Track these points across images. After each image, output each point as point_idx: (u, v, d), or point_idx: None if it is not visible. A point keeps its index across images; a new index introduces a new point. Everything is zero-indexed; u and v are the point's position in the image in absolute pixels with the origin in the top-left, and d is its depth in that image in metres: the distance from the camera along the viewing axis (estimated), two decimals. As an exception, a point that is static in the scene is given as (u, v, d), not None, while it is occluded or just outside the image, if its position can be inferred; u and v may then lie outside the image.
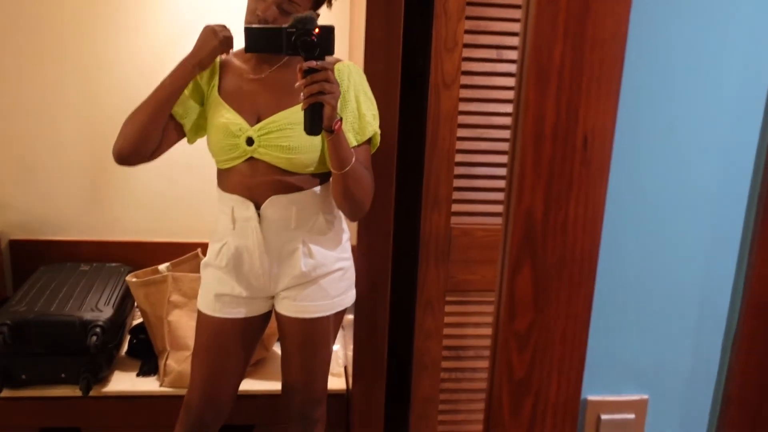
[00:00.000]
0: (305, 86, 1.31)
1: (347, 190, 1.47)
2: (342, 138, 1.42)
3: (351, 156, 1.45)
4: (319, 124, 1.35)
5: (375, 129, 1.56)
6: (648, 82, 0.73)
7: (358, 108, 1.52)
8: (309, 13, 1.35)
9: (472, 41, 1.82)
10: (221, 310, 1.61)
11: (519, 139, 0.72)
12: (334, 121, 1.37)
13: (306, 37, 1.31)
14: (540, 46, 0.69)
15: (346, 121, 1.50)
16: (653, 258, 0.79)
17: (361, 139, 1.53)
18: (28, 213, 2.47)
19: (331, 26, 1.32)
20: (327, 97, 1.32)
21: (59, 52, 2.38)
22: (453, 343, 2.05)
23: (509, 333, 0.78)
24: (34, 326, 1.92)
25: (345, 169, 1.44)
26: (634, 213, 0.76)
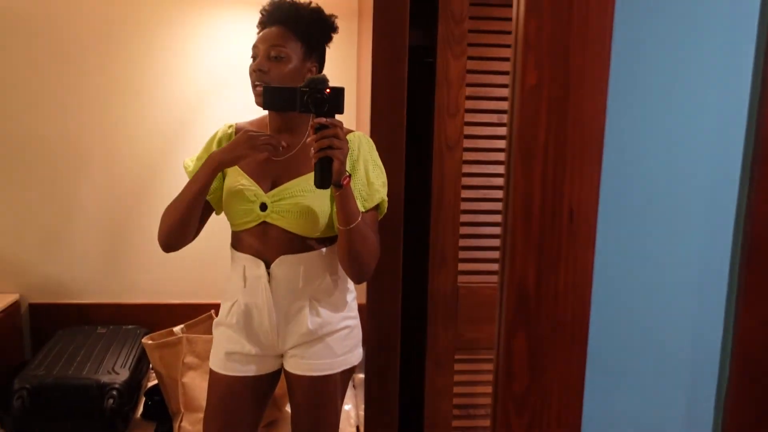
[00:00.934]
0: (315, 141, 1.39)
1: (352, 247, 1.53)
2: (350, 194, 1.49)
3: (358, 213, 1.51)
4: (328, 178, 1.42)
5: (383, 196, 1.63)
6: (628, 155, 0.79)
7: (366, 176, 1.60)
8: (321, 75, 1.44)
9: (474, 107, 1.90)
10: (232, 368, 1.64)
11: (509, 213, 0.78)
12: (342, 176, 1.44)
13: (317, 95, 1.39)
14: (525, 129, 0.76)
15: (355, 188, 1.57)
16: (643, 319, 0.83)
17: (368, 206, 1.60)
18: (47, 277, 2.54)
19: (341, 87, 1.41)
20: (336, 152, 1.40)
21: (80, 122, 2.49)
22: (464, 401, 2.06)
23: (507, 396, 0.81)
24: (53, 390, 1.96)
25: (351, 226, 1.50)
26: (622, 278, 0.81)
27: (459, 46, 1.86)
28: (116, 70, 2.49)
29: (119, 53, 2.48)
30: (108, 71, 2.49)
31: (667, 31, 0.78)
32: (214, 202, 1.68)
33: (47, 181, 2.50)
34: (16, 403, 1.92)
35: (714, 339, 0.85)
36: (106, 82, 2.49)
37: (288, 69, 1.56)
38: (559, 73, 0.75)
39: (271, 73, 1.54)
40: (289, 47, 1.57)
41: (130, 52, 2.48)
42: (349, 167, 1.57)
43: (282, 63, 1.56)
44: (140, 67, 2.49)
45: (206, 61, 2.50)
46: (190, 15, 2.48)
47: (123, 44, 2.48)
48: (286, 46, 1.57)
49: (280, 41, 1.56)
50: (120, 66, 2.49)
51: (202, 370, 2.11)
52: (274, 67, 1.55)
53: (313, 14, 1.62)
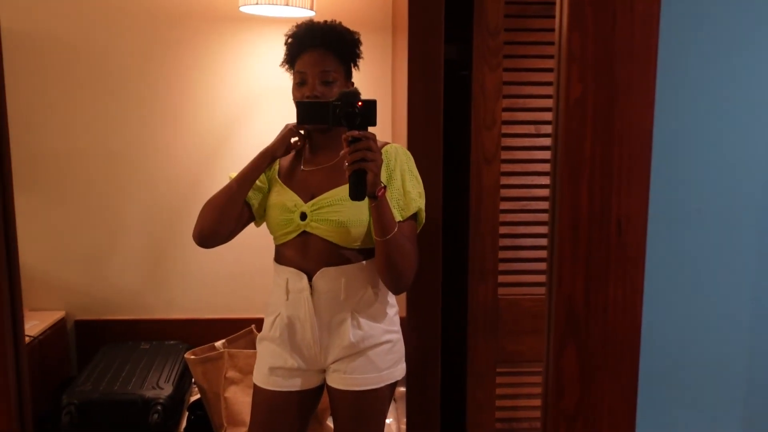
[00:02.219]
0: (349, 154, 1.41)
1: (389, 258, 1.54)
2: (385, 205, 1.50)
3: (394, 224, 1.52)
4: (362, 190, 1.44)
5: (419, 206, 1.63)
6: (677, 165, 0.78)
7: (403, 185, 1.61)
8: (353, 89, 1.46)
9: (511, 118, 1.90)
10: (276, 383, 1.66)
11: (557, 227, 0.77)
12: (377, 188, 1.45)
13: (349, 109, 1.41)
14: (570, 142, 0.75)
15: (392, 198, 1.58)
16: (697, 333, 0.82)
17: (405, 215, 1.60)
18: (91, 295, 2.59)
19: (373, 100, 1.43)
20: (369, 165, 1.42)
21: (121, 142, 2.55)
22: (506, 415, 2.04)
23: (557, 412, 0.80)
24: (99, 405, 2.00)
25: (387, 237, 1.51)
26: (674, 290, 0.80)
27: (495, 59, 1.86)
28: (155, 90, 2.55)
29: (158, 74, 2.54)
30: (147, 92, 2.54)
31: (714, 39, 0.77)
32: (255, 208, 1.70)
33: (91, 200, 2.56)
34: (65, 418, 1.97)
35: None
36: (145, 103, 2.55)
37: (336, 92, 1.59)
38: (603, 86, 0.74)
39: (325, 98, 1.57)
40: (337, 71, 1.61)
41: (169, 73, 2.54)
42: (385, 177, 1.59)
43: (333, 87, 1.60)
44: (179, 87, 2.55)
45: (243, 79, 2.54)
46: (227, 35, 2.53)
47: (161, 65, 2.53)
48: (335, 70, 1.61)
49: (330, 66, 1.60)
50: (159, 86, 2.54)
51: (244, 385, 2.12)
52: (327, 91, 1.59)
53: (350, 36, 1.65)
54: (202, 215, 1.65)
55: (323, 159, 1.65)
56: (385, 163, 1.60)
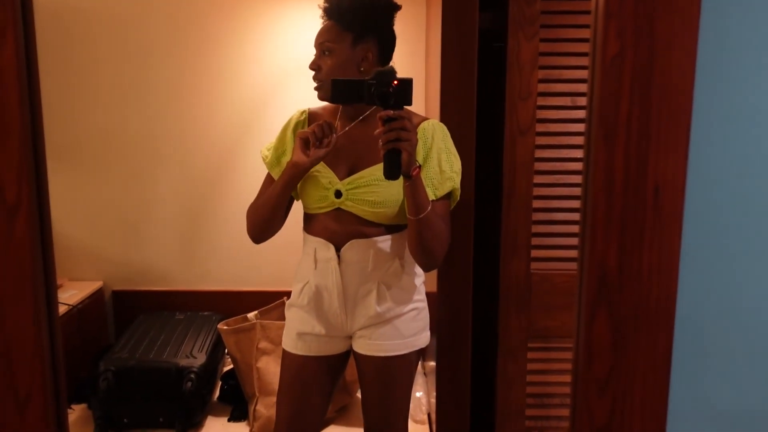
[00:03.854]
0: (383, 134, 1.39)
1: (421, 237, 1.53)
2: (419, 184, 1.48)
3: (427, 203, 1.50)
4: (396, 170, 1.42)
5: (455, 184, 1.62)
6: (719, 127, 0.75)
7: (439, 164, 1.59)
8: (389, 67, 1.43)
9: (546, 90, 1.86)
10: (303, 348, 1.68)
11: (590, 191, 0.75)
12: (411, 167, 1.44)
13: (383, 89, 1.39)
14: (606, 102, 0.73)
15: (427, 177, 1.57)
16: (734, 301, 0.79)
17: (439, 194, 1.59)
18: (128, 266, 2.65)
19: (409, 79, 1.40)
20: (403, 144, 1.40)
21: (155, 116, 2.58)
22: (537, 390, 2.02)
23: (588, 379, 0.79)
24: (136, 372, 2.05)
25: (420, 216, 1.50)
26: (712, 257, 0.77)
27: (531, 27, 1.82)
28: (188, 64, 2.56)
29: (190, 48, 2.55)
30: (180, 66, 2.56)
31: (761, -5, 0.73)
32: (294, 192, 1.71)
33: (126, 174, 2.60)
34: (102, 384, 2.01)
35: (813, 323, 0.80)
36: (178, 77, 2.57)
37: (334, 62, 1.57)
38: (643, 42, 0.71)
39: (321, 69, 1.57)
40: (336, 40, 1.58)
41: (201, 47, 2.55)
42: (422, 155, 1.57)
43: (330, 57, 1.58)
44: (211, 60, 2.56)
45: (276, 51, 2.54)
46: (258, 8, 2.52)
47: (195, 39, 2.54)
48: (333, 40, 1.58)
49: (327, 36, 1.58)
50: (192, 61, 2.56)
51: (276, 355, 2.15)
52: (323, 62, 1.58)
53: (354, 2, 1.61)
54: (251, 222, 1.67)
55: (361, 133, 1.63)
56: (422, 141, 1.58)
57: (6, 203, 0.73)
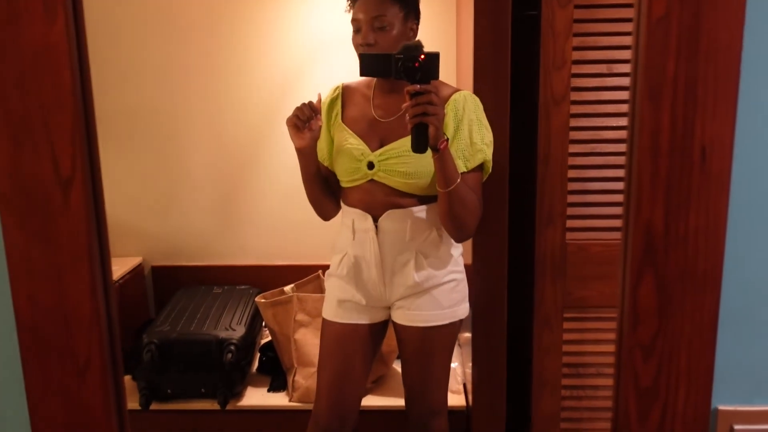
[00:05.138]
0: (410, 108, 1.40)
1: (451, 209, 1.54)
2: (447, 157, 1.49)
3: (456, 176, 1.51)
4: (424, 143, 1.44)
5: (486, 156, 1.62)
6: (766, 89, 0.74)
7: (470, 135, 1.59)
8: (416, 41, 1.44)
9: (581, 57, 1.83)
10: (343, 316, 1.71)
11: (635, 153, 0.75)
12: (439, 141, 1.44)
13: (409, 63, 1.40)
14: (652, 63, 0.72)
15: (458, 149, 1.57)
16: (782, 266, 0.79)
17: (470, 165, 1.59)
18: (167, 242, 2.70)
19: (436, 53, 1.40)
20: (430, 118, 1.41)
21: (188, 92, 2.60)
22: (572, 360, 2.03)
23: (633, 343, 0.79)
24: (178, 345, 2.10)
25: (450, 188, 1.51)
26: (760, 219, 0.77)
27: (566, -6, 1.79)
28: (223, 40, 2.57)
29: (225, 24, 2.56)
30: (215, 42, 2.58)
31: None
32: (329, 163, 1.73)
33: (162, 150, 2.64)
34: (146, 356, 2.07)
35: None
36: (214, 52, 2.58)
37: (392, 36, 1.58)
38: (689, 1, 0.70)
39: (378, 44, 1.56)
40: (390, 14, 1.58)
41: (236, 23, 2.56)
42: (453, 127, 1.57)
43: (386, 32, 1.57)
44: (246, 35, 2.56)
45: (309, 27, 2.54)
46: (290, -18, 2.52)
47: (229, 16, 2.55)
48: (386, 14, 1.57)
49: (380, 10, 1.57)
50: (227, 36, 2.57)
51: (313, 327, 2.18)
52: (380, 37, 1.57)
53: None
54: (312, 204, 1.76)
55: (393, 104, 1.64)
56: (453, 112, 1.58)
57: (61, 176, 0.75)
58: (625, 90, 1.84)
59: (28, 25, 0.71)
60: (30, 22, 0.71)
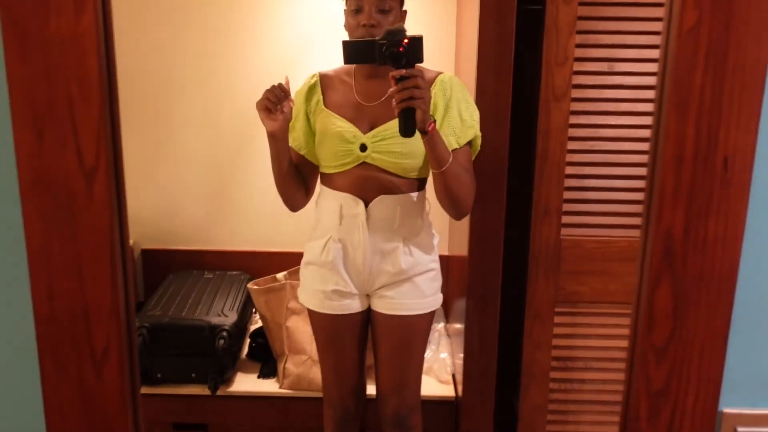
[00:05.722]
0: (397, 92, 1.40)
1: (447, 188, 1.57)
2: (437, 138, 1.51)
3: (448, 155, 1.54)
4: (411, 127, 1.45)
5: (476, 132, 1.65)
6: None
7: (459, 114, 1.62)
8: (399, 26, 1.45)
9: (583, 55, 1.84)
10: (329, 307, 1.72)
11: (659, 161, 0.76)
12: (426, 123, 1.46)
13: (394, 48, 1.40)
14: (681, 73, 0.73)
15: (449, 126, 1.60)
16: (793, 274, 0.80)
17: (462, 142, 1.62)
18: (158, 225, 2.67)
19: (419, 36, 1.41)
20: (417, 102, 1.42)
21: (185, 75, 2.57)
22: (562, 353, 2.06)
23: (647, 345, 0.81)
24: (169, 329, 2.09)
25: (443, 168, 1.53)
26: (775, 230, 0.78)
27: (571, -9, 1.79)
28: (221, 22, 2.53)
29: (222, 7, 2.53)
30: (213, 24, 2.54)
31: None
32: (312, 157, 1.72)
33: (158, 133, 2.61)
34: (138, 340, 2.06)
35: None
36: (209, 35, 2.54)
37: (391, 20, 1.58)
38: (720, 13, 0.71)
39: (380, 26, 1.56)
40: None
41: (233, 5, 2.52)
42: (443, 106, 1.60)
43: (389, 15, 1.58)
44: (244, 18, 2.53)
45: (307, 10, 2.51)
46: (289, -34, 2.49)
47: (224, -3, 2.52)
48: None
49: None
50: (224, 19, 2.53)
51: (305, 315, 2.17)
52: (383, 20, 1.57)
53: None
54: (278, 190, 1.73)
55: (378, 89, 1.64)
56: (442, 93, 1.61)
57: (84, 167, 0.75)
58: (626, 89, 1.85)
59: (57, 15, 0.70)
60: (58, 12, 0.69)
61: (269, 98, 1.56)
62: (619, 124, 1.88)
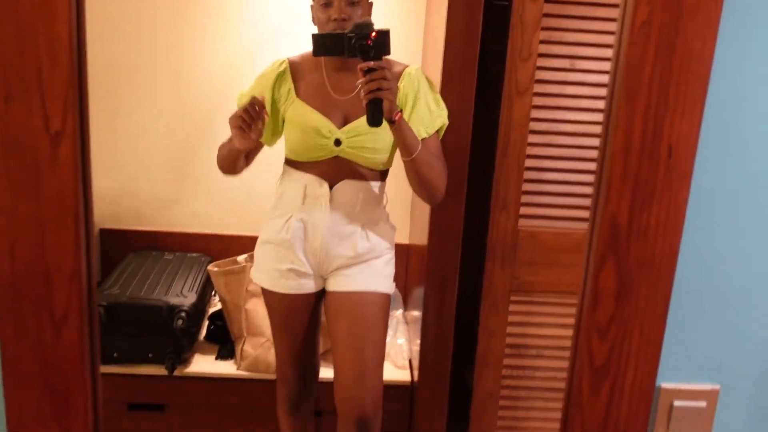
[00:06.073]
0: (365, 84, 1.44)
1: (418, 174, 1.62)
2: (404, 127, 1.56)
3: (417, 143, 1.59)
4: (379, 117, 1.50)
5: (443, 120, 1.71)
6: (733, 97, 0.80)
7: (427, 105, 1.68)
8: (366, 19, 1.49)
9: (547, 51, 1.89)
10: (284, 287, 1.73)
11: (608, 150, 0.80)
12: (393, 113, 1.51)
13: (362, 41, 1.45)
14: (631, 67, 0.77)
15: (418, 116, 1.64)
16: (731, 259, 0.86)
17: (430, 131, 1.67)
18: (117, 204, 2.65)
19: (386, 30, 1.46)
20: (384, 93, 1.47)
21: (149, 53, 2.55)
22: (515, 341, 2.12)
23: (591, 324, 0.85)
24: (126, 309, 2.08)
25: (413, 156, 1.57)
26: (714, 217, 0.83)
27: (537, -12, 1.84)
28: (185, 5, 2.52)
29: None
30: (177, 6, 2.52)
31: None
32: (266, 140, 1.73)
33: (119, 111, 2.58)
34: (94, 318, 2.04)
35: (798, 282, 0.87)
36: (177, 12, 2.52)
37: (359, 13, 1.61)
38: (670, 9, 0.75)
39: (351, 19, 1.58)
40: None
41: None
42: (412, 98, 1.66)
43: (356, 8, 1.61)
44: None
45: (274, -3, 2.52)
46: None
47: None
48: None
49: None
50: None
51: (265, 298, 2.20)
52: (353, 12, 1.59)
53: None
54: (218, 159, 1.76)
55: (350, 81, 1.66)
56: (411, 85, 1.66)
57: (50, 132, 0.75)
58: (586, 86, 1.91)
59: (29, -24, 0.70)
60: (31, -26, 0.70)
61: (244, 118, 1.52)
62: (579, 120, 1.94)
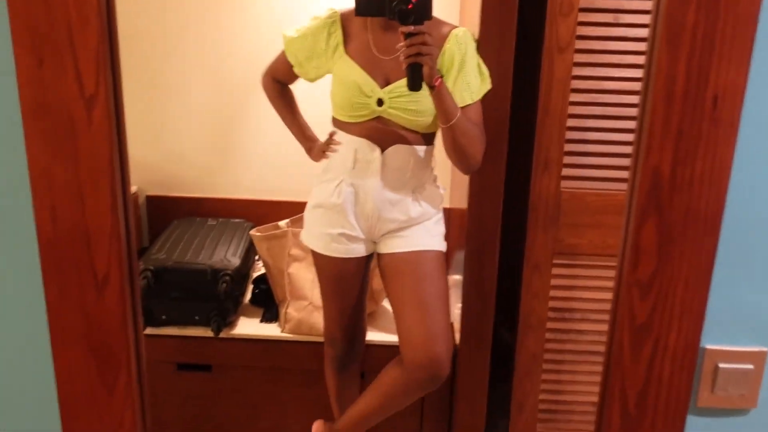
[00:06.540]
0: (405, 48, 1.45)
1: (455, 142, 1.60)
2: (444, 93, 1.53)
3: (456, 110, 1.56)
4: (419, 82, 1.50)
5: (488, 86, 1.69)
6: (782, 42, 0.76)
7: (478, 67, 1.66)
8: None
9: (589, 5, 1.82)
10: (336, 250, 1.76)
11: (649, 98, 0.77)
12: (433, 78, 1.49)
13: (403, 5, 1.43)
14: (673, 9, 0.73)
15: (464, 81, 1.61)
16: (779, 215, 0.82)
17: (476, 98, 1.64)
18: (162, 172, 2.70)
19: None
20: (424, 58, 1.46)
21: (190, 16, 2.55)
22: (559, 305, 2.09)
23: (632, 280, 0.83)
24: (173, 273, 2.13)
25: (451, 123, 1.55)
26: (763, 169, 0.79)
27: (579, -62, 1.77)
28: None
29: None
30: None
31: None
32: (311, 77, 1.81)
33: (162, 79, 2.60)
34: (142, 282, 2.10)
35: None
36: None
37: None
38: (716, -51, 0.71)
39: None
40: None
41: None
42: (458, 61, 1.62)
43: None
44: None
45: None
46: None
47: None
48: None
49: None
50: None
51: (307, 262, 2.22)
52: None
53: None
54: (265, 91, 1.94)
55: (391, 42, 1.64)
56: (457, 47, 1.63)
57: (84, 93, 0.76)
58: (631, 41, 1.84)
59: (56, -63, 0.70)
60: (58, -65, 0.70)
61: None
62: (623, 76, 1.87)
